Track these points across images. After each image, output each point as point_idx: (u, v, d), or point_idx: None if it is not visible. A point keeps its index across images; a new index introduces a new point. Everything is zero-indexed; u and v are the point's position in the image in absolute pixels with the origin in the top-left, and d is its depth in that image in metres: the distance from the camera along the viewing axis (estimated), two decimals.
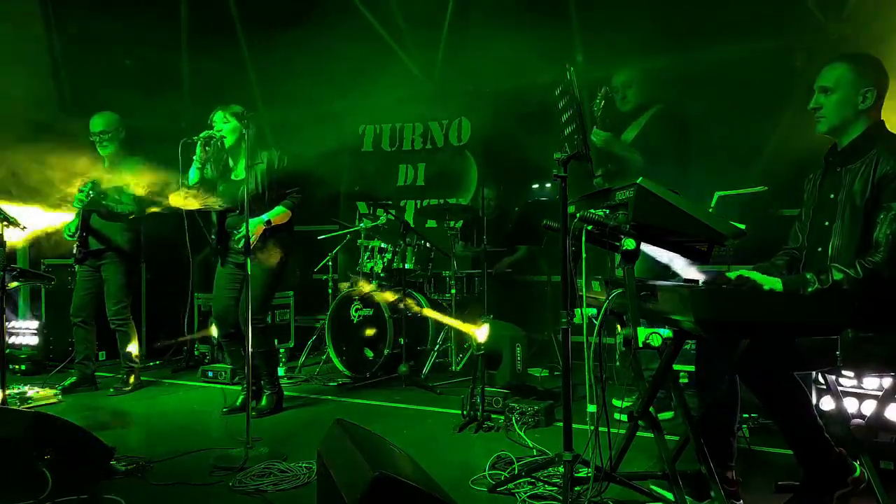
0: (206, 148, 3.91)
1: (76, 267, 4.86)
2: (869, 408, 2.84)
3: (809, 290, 2.24)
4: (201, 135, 3.87)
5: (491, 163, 6.53)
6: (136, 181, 4.71)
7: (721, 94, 5.05)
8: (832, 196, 2.48)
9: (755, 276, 2.33)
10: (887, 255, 2.22)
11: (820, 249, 2.48)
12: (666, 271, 2.78)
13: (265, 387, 4.21)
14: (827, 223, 2.48)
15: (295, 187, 4.14)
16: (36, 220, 4.48)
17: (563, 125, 2.70)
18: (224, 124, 3.99)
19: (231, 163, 4.13)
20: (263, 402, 4.17)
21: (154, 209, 4.62)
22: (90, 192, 4.55)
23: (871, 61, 2.47)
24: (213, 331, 5.38)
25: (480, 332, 3.81)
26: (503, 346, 4.42)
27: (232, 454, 3.16)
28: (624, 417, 2.82)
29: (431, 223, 6.84)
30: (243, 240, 3.47)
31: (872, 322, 2.22)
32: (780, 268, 2.61)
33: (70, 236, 4.70)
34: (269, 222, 3.97)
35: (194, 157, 3.92)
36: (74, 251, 4.75)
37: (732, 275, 2.41)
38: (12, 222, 3.81)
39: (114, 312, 4.79)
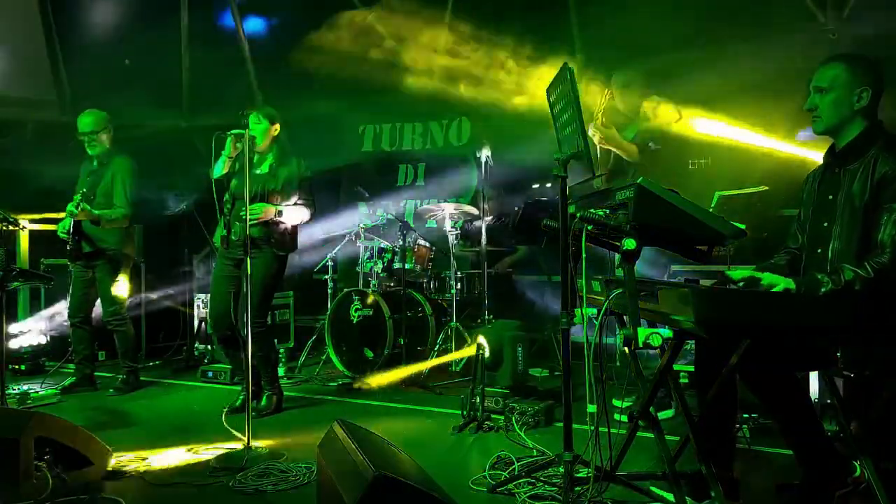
0: (237, 144, 3.94)
1: (71, 267, 4.85)
2: (869, 408, 2.83)
3: (823, 290, 2.22)
4: (233, 130, 3.87)
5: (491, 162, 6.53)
6: (125, 179, 4.73)
7: (720, 94, 5.05)
8: (831, 197, 2.47)
9: (768, 276, 2.29)
10: (894, 254, 2.21)
11: (819, 251, 2.47)
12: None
13: (265, 387, 4.21)
14: (826, 224, 2.46)
15: (310, 196, 4.23)
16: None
17: (563, 125, 2.70)
18: (257, 124, 4.08)
19: (256, 159, 4.18)
20: (263, 402, 4.17)
21: None
22: (80, 204, 4.52)
23: (866, 61, 2.47)
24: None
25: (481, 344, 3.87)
26: (505, 346, 4.41)
27: (232, 454, 3.16)
28: (624, 417, 2.82)
29: (431, 223, 6.84)
30: (251, 225, 3.63)
31: (873, 323, 2.22)
32: (783, 267, 2.60)
33: (64, 233, 4.69)
34: (280, 212, 4.04)
35: (223, 151, 3.98)
36: (68, 248, 4.74)
37: (735, 275, 2.40)
38: (12, 222, 3.81)
39: (109, 314, 4.78)
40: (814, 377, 3.28)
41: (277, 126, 4.17)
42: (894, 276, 2.20)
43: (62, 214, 4.61)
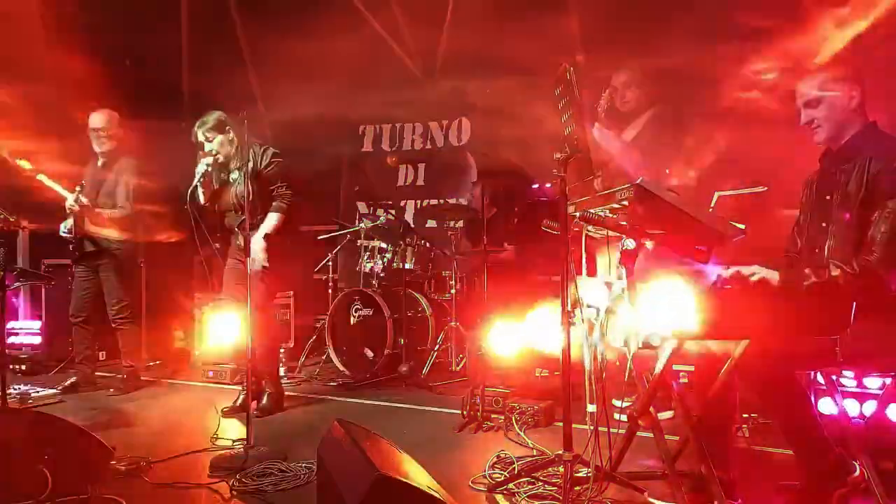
0: (206, 176, 4.00)
1: (74, 267, 4.86)
2: (869, 408, 2.84)
3: (805, 283, 2.26)
4: (199, 171, 3.92)
5: (491, 163, 6.52)
6: (129, 179, 4.74)
7: (721, 94, 5.05)
8: (828, 197, 2.51)
9: (753, 269, 2.34)
10: (882, 252, 2.25)
11: (818, 251, 2.51)
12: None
13: (266, 386, 4.22)
14: (824, 224, 2.50)
15: (281, 183, 4.09)
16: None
17: (563, 125, 2.70)
18: (209, 143, 4.04)
19: (226, 173, 4.18)
20: (265, 401, 4.18)
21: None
22: (79, 196, 4.52)
23: (844, 66, 2.56)
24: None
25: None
26: None
27: (232, 454, 3.16)
28: (624, 417, 2.82)
29: (431, 223, 6.85)
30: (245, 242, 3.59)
31: (871, 320, 2.23)
32: (778, 264, 2.62)
33: (66, 233, 4.69)
34: (267, 236, 3.97)
35: (197, 187, 3.97)
36: (71, 248, 4.74)
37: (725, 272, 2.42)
38: (12, 222, 3.82)
39: (115, 312, 4.79)
40: None
41: (230, 130, 4.10)
42: (883, 272, 2.24)
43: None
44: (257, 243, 3.91)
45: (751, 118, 4.87)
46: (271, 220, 4.02)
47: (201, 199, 4.04)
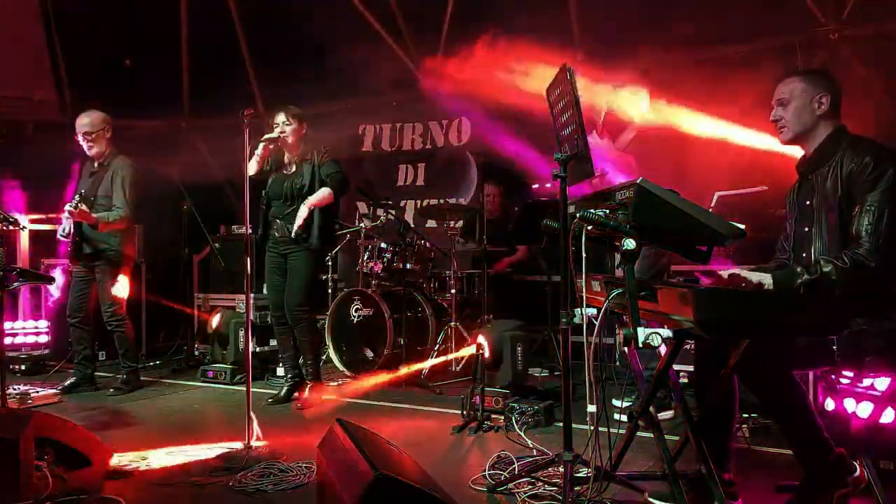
0: (270, 146, 4.27)
1: (72, 267, 4.85)
2: (868, 408, 2.84)
3: (798, 281, 2.32)
4: (268, 136, 4.20)
5: (491, 162, 6.53)
6: (125, 180, 4.71)
7: (720, 93, 5.05)
8: (809, 202, 2.58)
9: (746, 273, 2.38)
10: (870, 245, 2.30)
11: (805, 255, 2.57)
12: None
13: (308, 378, 4.45)
14: (808, 229, 2.56)
15: (334, 170, 4.36)
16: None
17: (563, 125, 2.70)
18: (287, 126, 4.30)
19: (286, 158, 4.43)
20: (307, 394, 4.38)
21: None
22: (78, 204, 4.47)
23: (820, 72, 2.71)
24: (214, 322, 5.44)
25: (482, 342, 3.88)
26: (504, 345, 4.42)
27: (232, 454, 3.16)
28: (624, 417, 2.82)
29: (431, 223, 6.84)
30: (291, 229, 4.19)
31: (865, 315, 2.25)
32: (771, 270, 2.64)
33: (63, 237, 4.68)
34: (313, 205, 4.23)
35: (256, 152, 4.22)
36: (69, 250, 4.74)
37: (723, 273, 2.44)
38: (12, 222, 3.81)
39: (109, 314, 4.78)
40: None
41: (305, 125, 4.38)
42: (874, 265, 2.27)
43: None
44: (303, 210, 4.19)
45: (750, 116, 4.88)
46: (321, 192, 4.28)
47: (253, 167, 4.20)
